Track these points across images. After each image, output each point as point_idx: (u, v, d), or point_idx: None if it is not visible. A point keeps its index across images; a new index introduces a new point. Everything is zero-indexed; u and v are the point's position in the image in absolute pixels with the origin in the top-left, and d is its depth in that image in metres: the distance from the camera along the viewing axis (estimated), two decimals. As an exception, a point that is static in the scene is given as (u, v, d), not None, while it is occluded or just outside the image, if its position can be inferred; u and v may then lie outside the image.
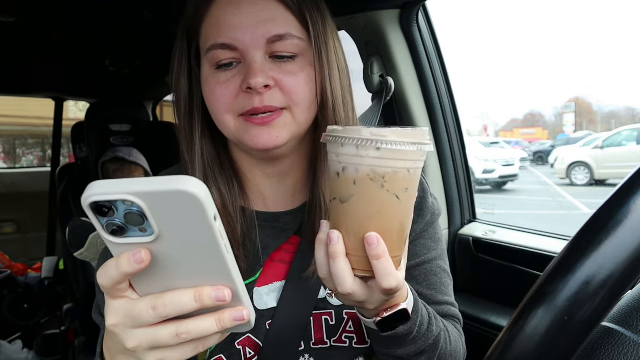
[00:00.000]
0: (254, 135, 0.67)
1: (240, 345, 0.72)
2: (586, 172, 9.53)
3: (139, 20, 1.64)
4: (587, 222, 0.37)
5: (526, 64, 71.04)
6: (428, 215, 0.82)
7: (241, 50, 0.66)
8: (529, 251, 1.30)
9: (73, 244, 1.81)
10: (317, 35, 0.69)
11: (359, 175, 0.51)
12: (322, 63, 0.70)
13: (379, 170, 0.51)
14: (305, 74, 0.68)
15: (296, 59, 0.68)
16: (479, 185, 10.06)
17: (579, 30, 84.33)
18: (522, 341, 0.37)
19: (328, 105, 0.71)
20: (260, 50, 0.66)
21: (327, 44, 0.71)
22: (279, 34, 0.66)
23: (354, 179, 0.51)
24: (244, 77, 0.66)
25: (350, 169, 0.52)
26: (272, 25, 0.66)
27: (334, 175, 0.53)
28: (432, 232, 0.84)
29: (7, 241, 3.31)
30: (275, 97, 0.66)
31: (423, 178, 0.85)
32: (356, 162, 0.51)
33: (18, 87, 2.91)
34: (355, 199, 0.52)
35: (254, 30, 0.65)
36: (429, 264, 0.82)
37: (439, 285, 0.82)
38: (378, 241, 0.52)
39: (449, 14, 44.46)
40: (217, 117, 0.70)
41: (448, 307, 0.82)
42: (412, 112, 1.48)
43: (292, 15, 0.68)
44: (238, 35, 0.66)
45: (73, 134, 2.39)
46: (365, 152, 0.50)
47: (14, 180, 3.51)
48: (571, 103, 24.30)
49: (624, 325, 0.38)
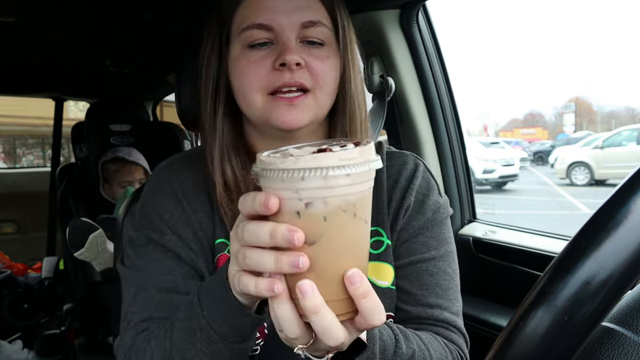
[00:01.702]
0: (281, 114, 0.71)
1: None
2: (586, 172, 9.53)
3: (139, 20, 1.64)
4: (587, 222, 0.37)
5: (526, 64, 71.11)
6: (429, 213, 0.81)
7: (277, 31, 0.71)
8: (529, 251, 1.30)
9: (73, 244, 1.81)
10: (344, 30, 0.76)
11: (329, 208, 0.44)
12: (346, 55, 0.76)
13: (350, 199, 0.45)
14: (330, 61, 0.73)
15: (324, 47, 0.73)
16: (479, 185, 10.06)
17: (579, 30, 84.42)
18: (522, 341, 0.37)
19: (349, 95, 0.76)
20: (293, 33, 0.71)
21: (351, 40, 0.77)
22: (312, 20, 0.72)
23: (323, 215, 0.44)
24: (277, 56, 0.70)
25: (317, 204, 0.44)
26: (306, 11, 0.72)
27: (292, 216, 0.45)
28: (436, 232, 0.81)
29: (7, 241, 3.31)
30: (304, 76, 0.71)
31: (432, 177, 0.85)
32: (324, 195, 0.44)
33: (18, 87, 2.91)
34: (326, 238, 0.45)
35: (289, 14, 0.71)
36: (425, 263, 0.79)
37: (433, 286, 0.78)
38: (361, 278, 0.47)
39: (449, 14, 44.50)
40: (245, 95, 0.73)
41: (440, 312, 0.77)
42: (412, 112, 1.48)
43: (323, 7, 0.75)
44: (275, 17, 0.71)
45: (73, 134, 2.40)
46: (335, 182, 0.43)
47: (14, 180, 3.52)
48: (571, 103, 24.31)
49: (624, 325, 0.38)
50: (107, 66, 2.24)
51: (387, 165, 0.83)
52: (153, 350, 0.66)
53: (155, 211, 0.78)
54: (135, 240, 0.78)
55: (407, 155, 0.86)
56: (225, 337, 0.59)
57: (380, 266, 0.79)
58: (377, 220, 0.80)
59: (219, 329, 0.58)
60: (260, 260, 0.47)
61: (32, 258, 3.14)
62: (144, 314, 0.72)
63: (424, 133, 1.50)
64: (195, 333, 0.60)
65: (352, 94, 0.76)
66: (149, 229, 0.77)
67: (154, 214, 0.78)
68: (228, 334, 0.59)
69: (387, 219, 0.80)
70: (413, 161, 0.85)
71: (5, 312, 2.67)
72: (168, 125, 2.62)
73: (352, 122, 0.77)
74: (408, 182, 0.82)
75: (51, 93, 3.06)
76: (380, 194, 0.81)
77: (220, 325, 0.58)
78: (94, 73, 2.48)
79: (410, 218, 0.80)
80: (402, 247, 0.80)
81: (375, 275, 0.78)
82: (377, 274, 0.78)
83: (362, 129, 0.78)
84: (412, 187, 0.81)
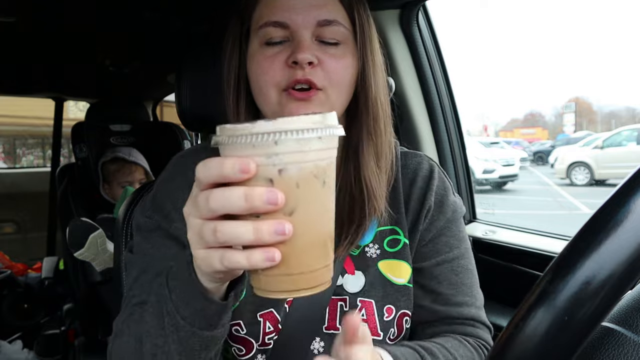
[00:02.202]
0: (293, 109, 0.71)
1: (261, 317, 0.75)
2: (586, 172, 9.53)
3: (139, 20, 1.64)
4: (587, 222, 0.37)
5: (526, 64, 71.13)
6: (449, 212, 0.83)
7: (292, 29, 0.71)
8: (529, 251, 1.30)
9: (73, 244, 1.81)
10: (362, 30, 0.75)
11: (302, 173, 0.43)
12: (366, 54, 0.75)
13: (321, 165, 0.44)
14: (346, 60, 0.73)
15: (339, 46, 0.73)
16: (479, 185, 10.06)
17: (579, 30, 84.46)
18: (522, 341, 0.37)
19: (370, 94, 0.75)
20: (308, 31, 0.71)
21: (372, 39, 0.76)
22: (328, 19, 0.72)
23: (296, 182, 0.43)
24: (290, 53, 0.70)
25: (291, 169, 0.42)
26: (323, 10, 0.72)
27: (263, 183, 0.43)
28: (455, 230, 0.84)
29: (7, 241, 3.32)
30: (316, 74, 0.71)
31: (446, 176, 0.86)
32: (298, 160, 0.42)
33: (18, 87, 2.91)
34: (303, 205, 0.43)
35: (306, 12, 0.71)
36: (451, 263, 0.82)
37: (459, 285, 0.82)
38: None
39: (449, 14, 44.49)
40: (261, 90, 0.74)
41: (468, 309, 0.81)
42: (412, 112, 1.48)
43: (341, 5, 0.74)
44: (291, 15, 0.71)
45: (73, 134, 2.40)
46: (308, 146, 0.42)
47: (14, 180, 3.52)
48: (571, 103, 24.28)
49: (624, 325, 0.38)
50: (107, 66, 2.24)
51: (403, 165, 0.84)
52: (129, 334, 0.66)
53: (168, 199, 0.78)
54: (144, 226, 0.79)
55: (421, 155, 0.87)
56: (191, 322, 0.57)
57: (397, 264, 0.80)
58: (394, 219, 0.81)
59: (184, 314, 0.57)
60: (236, 231, 0.43)
61: (32, 258, 3.14)
62: (141, 297, 0.72)
63: (424, 133, 1.50)
64: (164, 317, 0.59)
65: (372, 94, 0.75)
66: (159, 215, 0.78)
67: (165, 202, 0.78)
68: (194, 319, 0.57)
69: (404, 218, 0.81)
70: (427, 161, 0.86)
71: (5, 312, 2.68)
72: (168, 125, 2.62)
73: (376, 121, 0.76)
74: (426, 182, 0.83)
75: (51, 93, 3.06)
76: (397, 193, 0.82)
77: (185, 310, 0.57)
78: (94, 73, 2.48)
79: (433, 219, 0.82)
80: (426, 247, 0.82)
81: (391, 273, 0.79)
82: (393, 272, 0.80)
83: (386, 129, 0.77)
84: (431, 187, 0.82)
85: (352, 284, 0.78)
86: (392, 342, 0.78)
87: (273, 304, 0.75)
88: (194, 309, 0.56)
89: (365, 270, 0.79)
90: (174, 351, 0.60)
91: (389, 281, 0.79)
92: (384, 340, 0.77)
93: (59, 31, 1.81)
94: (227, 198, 0.42)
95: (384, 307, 0.77)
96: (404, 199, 0.82)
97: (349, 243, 0.75)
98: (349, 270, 0.78)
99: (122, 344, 0.67)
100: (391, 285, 0.79)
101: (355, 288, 0.78)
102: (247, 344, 0.75)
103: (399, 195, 0.82)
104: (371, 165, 0.75)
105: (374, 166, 0.76)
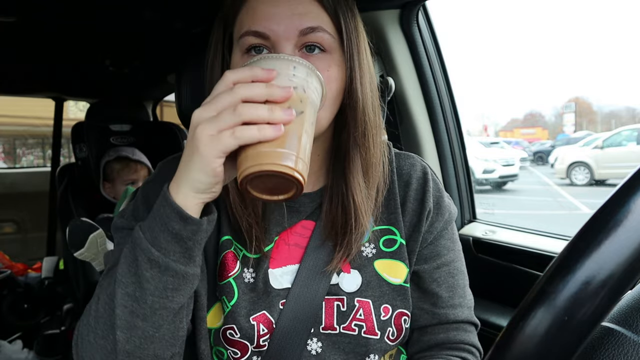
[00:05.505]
0: None
1: (254, 320, 0.74)
2: (586, 172, 9.52)
3: (139, 20, 1.64)
4: (587, 222, 0.37)
5: (526, 64, 71.07)
6: (446, 214, 0.84)
7: (273, 39, 0.68)
8: (529, 251, 1.31)
9: (73, 244, 1.81)
10: (350, 37, 0.72)
11: (306, 94, 0.61)
12: (353, 64, 0.72)
13: (313, 96, 0.62)
14: (331, 72, 0.70)
15: (325, 55, 0.70)
16: (479, 185, 10.05)
17: (579, 30, 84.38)
18: (522, 341, 0.37)
19: (358, 107, 0.72)
20: (290, 42, 0.68)
21: (359, 47, 0.73)
22: (311, 26, 0.68)
23: (300, 98, 0.60)
24: None
25: (300, 89, 0.60)
26: (305, 18, 0.69)
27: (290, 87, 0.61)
28: (451, 232, 0.85)
29: (7, 241, 3.32)
30: None
31: (437, 179, 0.87)
32: (304, 85, 0.60)
33: (18, 87, 2.91)
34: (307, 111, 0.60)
35: (287, 21, 0.68)
36: (449, 266, 0.83)
37: (455, 287, 0.83)
38: None
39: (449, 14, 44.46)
40: None
41: (461, 310, 0.83)
42: (412, 112, 1.48)
43: (326, 13, 0.71)
44: (272, 25, 0.68)
45: (73, 134, 2.39)
46: (312, 79, 0.62)
47: (14, 180, 3.51)
48: (571, 103, 24.28)
49: (624, 325, 0.38)
50: (107, 66, 2.24)
51: (397, 166, 0.84)
52: (99, 297, 0.65)
53: (145, 202, 0.77)
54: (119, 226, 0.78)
55: (413, 157, 0.87)
56: (166, 253, 0.59)
57: (393, 264, 0.80)
58: (389, 219, 0.81)
59: (160, 244, 0.59)
60: (255, 111, 0.55)
61: (32, 258, 3.14)
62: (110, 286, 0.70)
63: (424, 133, 1.50)
64: (137, 258, 0.60)
65: (360, 107, 0.72)
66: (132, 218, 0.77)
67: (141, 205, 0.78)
68: (169, 248, 0.59)
69: (400, 219, 0.81)
70: (420, 163, 0.86)
71: (5, 312, 2.67)
72: (168, 125, 2.62)
73: (364, 135, 0.73)
74: (422, 184, 0.83)
75: (51, 93, 3.05)
76: (393, 194, 0.82)
77: (160, 237, 0.59)
78: (94, 73, 2.47)
79: (433, 221, 0.82)
80: (426, 249, 0.83)
81: (387, 272, 0.80)
82: (389, 271, 0.80)
83: (375, 141, 0.75)
84: (428, 189, 0.82)
85: (349, 282, 0.78)
86: (392, 341, 0.78)
87: (266, 305, 0.75)
88: (170, 234, 0.59)
89: (361, 269, 0.79)
90: (148, 294, 0.60)
91: (385, 281, 0.79)
92: (382, 339, 0.77)
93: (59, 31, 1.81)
94: (252, 88, 0.56)
95: (380, 307, 0.77)
96: (400, 200, 0.82)
97: (344, 254, 0.76)
98: (345, 268, 0.79)
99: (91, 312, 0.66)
100: (387, 285, 0.79)
101: (352, 287, 0.78)
102: (242, 347, 0.75)
103: (394, 196, 0.82)
104: (358, 181, 0.74)
105: (361, 180, 0.75)
